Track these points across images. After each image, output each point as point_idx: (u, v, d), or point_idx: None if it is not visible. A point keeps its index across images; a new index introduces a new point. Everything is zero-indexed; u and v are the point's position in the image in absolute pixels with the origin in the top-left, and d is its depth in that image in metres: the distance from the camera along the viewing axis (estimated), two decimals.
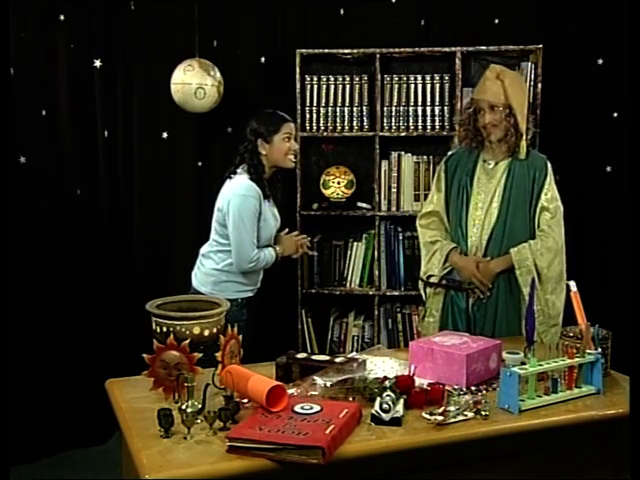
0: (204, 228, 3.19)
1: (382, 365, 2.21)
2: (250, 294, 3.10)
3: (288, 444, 1.64)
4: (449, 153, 3.15)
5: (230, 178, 3.02)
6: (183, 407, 1.79)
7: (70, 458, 3.61)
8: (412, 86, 3.77)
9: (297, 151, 3.11)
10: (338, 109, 3.81)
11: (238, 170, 3.02)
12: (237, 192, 2.95)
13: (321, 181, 3.89)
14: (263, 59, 3.91)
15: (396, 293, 3.86)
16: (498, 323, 2.90)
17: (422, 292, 3.11)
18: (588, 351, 2.09)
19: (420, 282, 3.11)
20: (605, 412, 1.99)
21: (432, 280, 3.01)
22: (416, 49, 3.74)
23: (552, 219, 2.88)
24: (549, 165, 2.96)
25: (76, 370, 3.67)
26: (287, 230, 3.23)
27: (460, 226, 2.96)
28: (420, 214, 3.13)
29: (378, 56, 3.70)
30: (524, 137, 2.89)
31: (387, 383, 1.93)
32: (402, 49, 3.73)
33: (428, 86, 3.76)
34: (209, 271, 3.06)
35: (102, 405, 2.25)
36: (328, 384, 1.97)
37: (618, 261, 3.80)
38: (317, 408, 1.82)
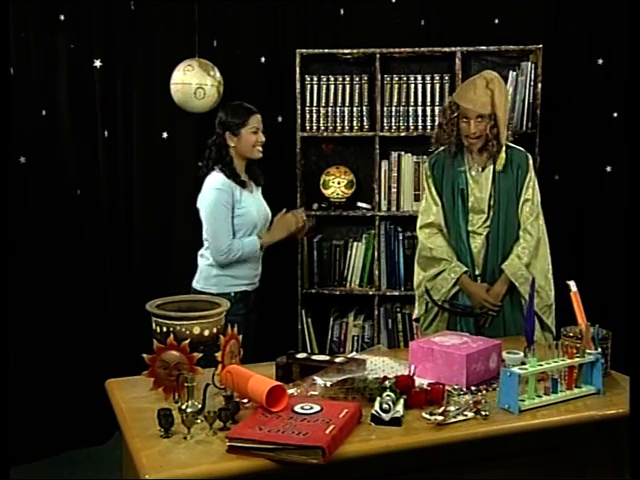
0: None
1: (382, 365, 2.21)
2: (245, 288, 3.11)
3: (288, 444, 1.63)
4: (432, 158, 3.06)
5: (209, 173, 3.08)
6: (183, 407, 1.79)
7: (70, 458, 3.61)
8: (412, 86, 3.77)
9: (263, 142, 3.12)
10: (338, 109, 3.81)
11: (210, 165, 3.09)
12: (208, 186, 3.05)
13: (321, 181, 3.89)
14: (263, 59, 3.91)
15: (396, 293, 3.86)
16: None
17: (420, 302, 3.08)
18: (588, 351, 2.08)
19: (426, 296, 3.03)
20: (605, 412, 1.99)
21: (437, 301, 2.99)
22: (416, 49, 3.74)
23: (532, 213, 2.91)
24: (530, 159, 2.97)
25: (76, 370, 3.67)
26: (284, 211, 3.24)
27: (461, 237, 2.96)
28: (421, 224, 3.05)
29: (378, 56, 3.70)
30: (504, 148, 2.89)
31: (387, 383, 1.93)
32: (402, 49, 3.73)
33: (428, 86, 3.76)
34: (202, 267, 3.12)
35: (102, 405, 2.25)
36: (328, 384, 1.97)
37: (618, 261, 3.80)
38: (317, 408, 1.82)
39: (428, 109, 3.76)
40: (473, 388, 2.09)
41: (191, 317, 2.11)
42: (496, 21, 3.91)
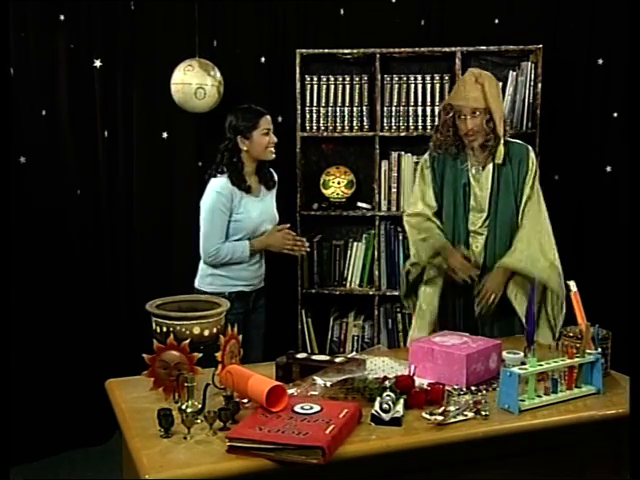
0: None
1: (382, 365, 2.21)
2: (242, 289, 3.12)
3: (288, 444, 1.63)
4: (432, 153, 3.02)
5: (214, 176, 3.10)
6: (183, 407, 1.79)
7: (70, 458, 3.61)
8: (412, 86, 3.77)
9: (275, 142, 3.13)
10: (338, 109, 3.81)
11: (219, 169, 3.10)
12: (210, 188, 3.07)
13: (321, 181, 3.89)
14: (263, 59, 3.91)
15: (396, 293, 3.84)
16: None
17: (404, 284, 3.13)
18: (588, 351, 2.08)
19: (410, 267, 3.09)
20: (605, 412, 1.99)
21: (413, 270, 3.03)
22: (416, 49, 3.74)
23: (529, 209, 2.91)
24: (531, 152, 2.95)
25: (76, 370, 3.67)
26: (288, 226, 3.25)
27: (461, 237, 2.96)
28: (409, 212, 3.07)
29: (378, 56, 3.70)
30: (502, 141, 2.87)
31: (387, 383, 1.93)
32: (402, 49, 3.73)
33: (428, 86, 3.76)
34: (200, 266, 3.16)
35: (102, 405, 2.25)
36: (328, 384, 1.97)
37: (618, 261, 3.80)
38: (317, 408, 1.82)
39: (428, 109, 3.76)
40: (473, 388, 2.09)
41: (191, 317, 2.11)
42: (496, 21, 3.91)
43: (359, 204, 3.90)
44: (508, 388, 1.93)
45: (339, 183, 3.85)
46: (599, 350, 2.12)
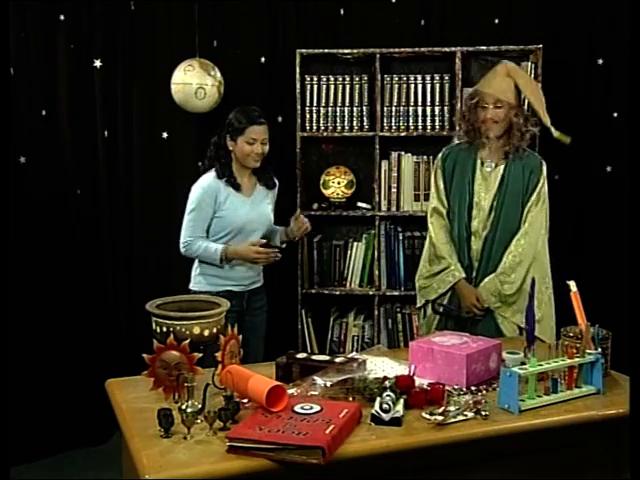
0: None
1: (382, 365, 2.21)
2: (231, 288, 3.11)
3: (288, 444, 1.63)
4: (444, 150, 3.11)
5: (206, 170, 3.13)
6: (183, 407, 1.79)
7: (70, 458, 3.61)
8: (412, 86, 3.77)
9: (262, 153, 3.08)
10: (338, 109, 3.81)
11: (210, 163, 3.14)
12: (197, 184, 3.10)
13: (321, 181, 3.89)
14: (263, 59, 3.91)
15: (396, 293, 3.86)
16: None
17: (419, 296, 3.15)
18: (588, 351, 2.08)
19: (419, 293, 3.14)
20: (605, 412, 1.99)
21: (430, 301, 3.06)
22: (416, 49, 3.74)
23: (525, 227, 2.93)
24: (544, 165, 2.98)
25: (76, 370, 3.67)
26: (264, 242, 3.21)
27: (464, 236, 2.97)
28: (429, 209, 3.13)
29: (378, 56, 3.70)
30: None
31: (387, 383, 1.93)
32: (402, 49, 3.73)
33: (428, 86, 3.76)
34: (193, 266, 3.19)
35: (102, 405, 2.25)
36: (328, 384, 1.97)
37: (618, 261, 3.80)
38: (317, 408, 1.81)
39: (428, 109, 3.76)
40: (473, 388, 2.09)
41: (191, 317, 2.11)
42: (496, 21, 3.91)
43: (359, 204, 3.89)
44: (508, 388, 1.93)
45: (339, 183, 3.85)
46: (599, 350, 2.11)
